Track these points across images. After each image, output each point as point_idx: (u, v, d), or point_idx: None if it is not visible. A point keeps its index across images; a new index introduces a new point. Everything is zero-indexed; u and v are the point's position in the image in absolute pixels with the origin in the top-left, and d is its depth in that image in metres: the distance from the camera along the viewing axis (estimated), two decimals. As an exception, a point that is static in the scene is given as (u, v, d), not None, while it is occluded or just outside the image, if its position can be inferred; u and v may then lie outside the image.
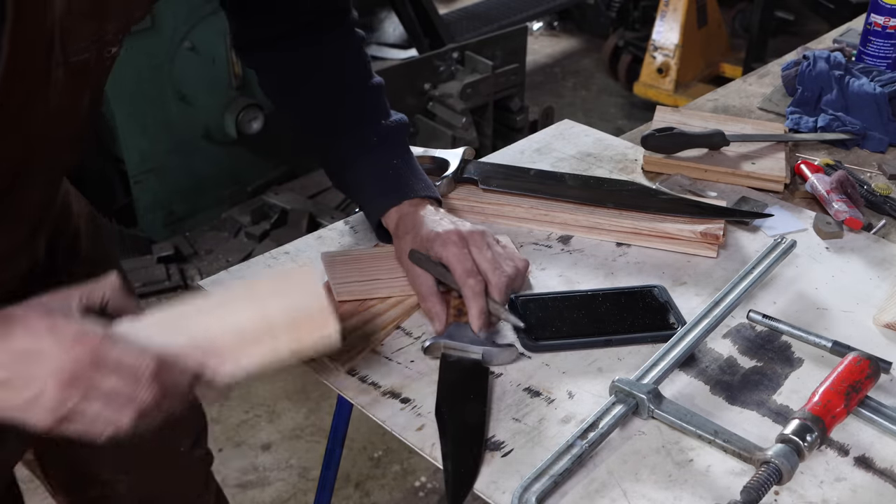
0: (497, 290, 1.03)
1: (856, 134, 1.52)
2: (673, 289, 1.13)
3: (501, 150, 1.48)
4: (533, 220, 1.26)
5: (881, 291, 1.14)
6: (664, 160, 1.41)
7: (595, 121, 4.28)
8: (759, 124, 1.55)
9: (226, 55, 2.97)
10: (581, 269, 1.18)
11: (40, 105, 0.81)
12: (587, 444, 0.87)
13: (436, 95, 3.29)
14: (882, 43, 1.72)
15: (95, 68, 0.86)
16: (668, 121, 1.50)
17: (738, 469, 0.87)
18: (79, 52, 0.81)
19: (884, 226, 1.31)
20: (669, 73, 4.21)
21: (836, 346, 1.01)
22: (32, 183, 0.90)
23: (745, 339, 1.06)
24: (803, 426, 0.84)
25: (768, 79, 1.81)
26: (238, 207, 3.18)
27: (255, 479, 2.31)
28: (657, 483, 0.86)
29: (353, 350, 1.01)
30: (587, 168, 1.42)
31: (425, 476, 2.33)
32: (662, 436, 0.91)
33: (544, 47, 5.26)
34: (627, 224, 1.22)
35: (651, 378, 0.95)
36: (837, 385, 0.88)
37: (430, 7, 3.57)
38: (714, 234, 1.19)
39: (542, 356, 1.02)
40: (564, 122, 1.59)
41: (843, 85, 1.60)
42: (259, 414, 2.52)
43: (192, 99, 2.97)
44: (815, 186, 1.35)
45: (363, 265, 1.14)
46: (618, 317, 1.07)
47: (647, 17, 4.62)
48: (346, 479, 2.30)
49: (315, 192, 3.29)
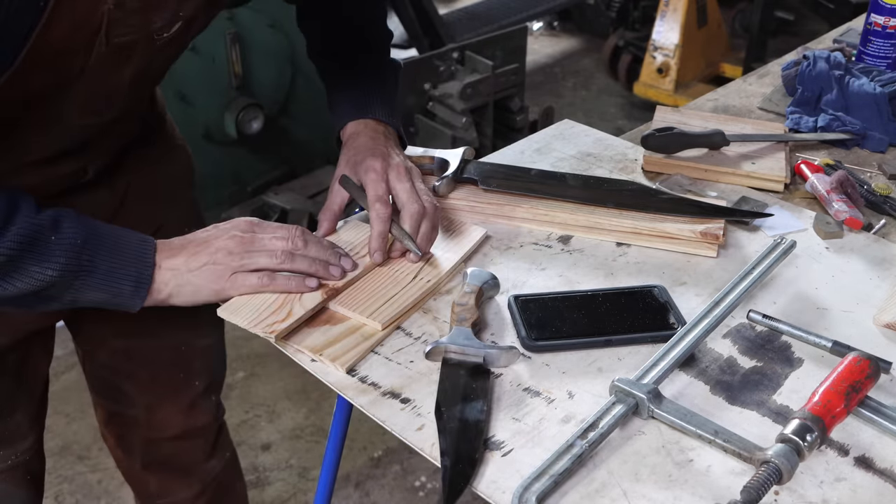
0: (409, 215, 1.12)
1: (856, 134, 1.52)
2: (673, 289, 1.13)
3: (501, 150, 1.48)
4: (533, 220, 1.26)
5: (881, 291, 1.14)
6: (664, 160, 1.41)
7: (595, 121, 4.28)
8: (759, 124, 1.55)
9: (226, 55, 2.97)
10: (581, 269, 1.18)
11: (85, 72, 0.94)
12: (587, 444, 0.87)
13: (436, 95, 3.29)
14: (882, 43, 1.72)
15: (144, 49, 0.97)
16: (668, 121, 1.50)
17: (738, 469, 0.87)
18: (122, 36, 0.92)
19: (884, 226, 1.31)
20: (669, 73, 4.21)
21: (836, 346, 1.01)
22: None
23: (745, 339, 1.05)
24: (803, 426, 0.84)
25: (768, 79, 1.81)
26: (238, 207, 3.18)
27: (255, 479, 2.31)
28: (657, 483, 0.86)
29: (351, 350, 1.01)
30: (587, 168, 1.42)
31: (425, 476, 2.33)
32: (662, 436, 0.91)
33: (544, 47, 5.26)
34: (627, 224, 1.22)
35: (651, 378, 0.95)
36: (837, 385, 0.88)
37: (430, 7, 3.56)
38: (714, 234, 1.19)
39: (542, 356, 1.02)
40: (564, 122, 1.59)
41: (843, 85, 1.60)
42: (259, 414, 2.52)
43: (192, 99, 2.96)
44: (815, 186, 1.35)
45: (263, 296, 1.06)
46: (618, 317, 1.07)
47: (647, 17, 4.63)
48: (346, 479, 2.30)
49: (315, 192, 3.29)
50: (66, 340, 1.37)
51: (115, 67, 0.98)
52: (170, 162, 1.33)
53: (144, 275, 1.00)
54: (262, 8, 3.03)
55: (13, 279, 0.93)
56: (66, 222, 0.96)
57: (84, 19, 0.87)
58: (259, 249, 1.05)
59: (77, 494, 2.26)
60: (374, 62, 1.32)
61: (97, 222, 1.00)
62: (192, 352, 1.40)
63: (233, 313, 1.04)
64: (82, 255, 0.96)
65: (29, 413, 1.28)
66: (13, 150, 1.02)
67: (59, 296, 0.97)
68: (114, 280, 0.98)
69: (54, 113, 1.00)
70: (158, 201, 1.28)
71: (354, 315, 1.06)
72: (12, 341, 1.18)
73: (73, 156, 1.10)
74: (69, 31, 0.87)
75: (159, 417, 1.42)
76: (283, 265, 1.05)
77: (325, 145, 3.50)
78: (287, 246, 1.06)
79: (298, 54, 3.23)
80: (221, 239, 1.05)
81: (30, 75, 0.89)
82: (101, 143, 1.13)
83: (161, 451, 1.47)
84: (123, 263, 0.99)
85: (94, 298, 0.99)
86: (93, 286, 0.98)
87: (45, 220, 0.94)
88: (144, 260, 1.01)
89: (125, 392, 1.41)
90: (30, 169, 1.05)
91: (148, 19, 0.93)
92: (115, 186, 1.20)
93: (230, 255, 1.04)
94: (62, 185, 1.11)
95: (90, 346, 1.39)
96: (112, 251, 0.98)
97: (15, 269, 0.92)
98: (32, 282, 0.94)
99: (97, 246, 0.97)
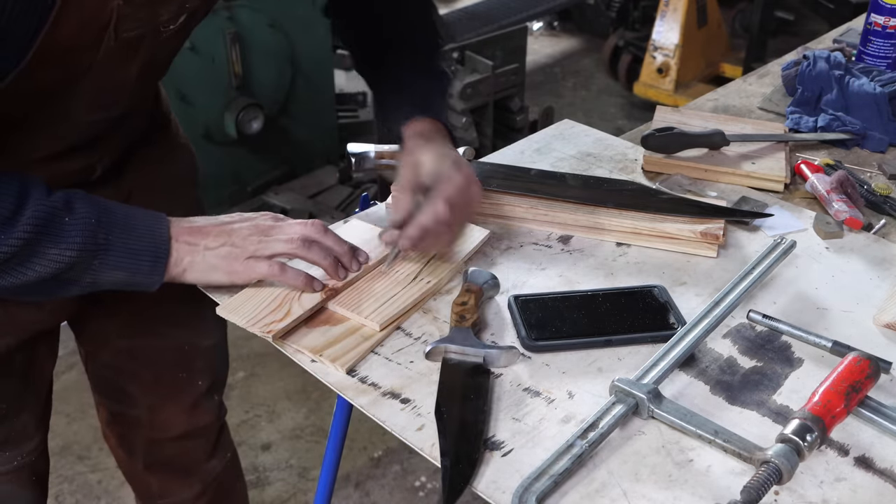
0: (414, 227, 1.08)
1: (856, 134, 1.52)
2: (673, 289, 1.13)
3: (501, 150, 1.48)
4: (533, 220, 1.26)
5: (881, 291, 1.14)
6: (664, 160, 1.41)
7: (595, 121, 4.28)
8: (759, 124, 1.55)
9: (226, 55, 2.97)
10: (581, 269, 1.18)
11: (93, 67, 0.95)
12: (587, 444, 0.87)
13: (436, 95, 3.29)
14: (882, 43, 1.72)
15: (150, 42, 0.98)
16: (668, 121, 1.50)
17: (738, 469, 0.87)
18: (130, 30, 0.92)
19: (884, 226, 1.31)
20: (669, 73, 4.21)
21: (836, 346, 1.01)
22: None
23: (745, 339, 1.05)
24: (803, 426, 0.84)
25: (768, 79, 1.81)
26: (238, 207, 3.18)
27: (255, 479, 2.31)
28: (657, 483, 0.86)
29: (352, 351, 1.01)
30: (587, 168, 1.42)
31: (425, 476, 2.33)
32: (662, 436, 0.91)
33: (544, 47, 5.26)
34: (627, 224, 1.22)
35: (651, 378, 0.95)
36: (837, 385, 0.88)
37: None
38: (714, 234, 1.19)
39: (542, 356, 1.02)
40: (564, 122, 1.59)
41: (843, 85, 1.60)
42: (259, 414, 2.52)
43: (192, 99, 2.96)
44: (815, 186, 1.35)
45: (262, 296, 1.06)
46: (618, 317, 1.07)
47: (647, 17, 4.63)
48: (346, 479, 2.30)
49: (315, 192, 3.29)
50: (67, 340, 1.37)
51: (123, 62, 0.98)
52: (174, 161, 1.33)
53: (161, 248, 1.00)
54: (262, 8, 3.04)
55: (32, 263, 0.93)
56: (79, 202, 0.96)
57: (92, 16, 0.87)
58: (277, 235, 1.06)
59: (77, 494, 2.26)
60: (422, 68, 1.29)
61: (108, 201, 1.00)
62: (195, 351, 1.40)
63: (232, 312, 1.04)
64: (98, 234, 0.96)
65: (35, 414, 1.28)
66: (22, 146, 1.02)
67: (78, 278, 0.97)
68: (131, 256, 0.98)
69: (62, 109, 1.00)
70: (163, 199, 1.28)
71: (353, 315, 1.06)
72: (19, 342, 1.18)
73: (81, 153, 1.10)
74: (77, 28, 0.87)
75: (162, 417, 1.42)
76: (297, 251, 1.06)
77: (325, 145, 3.51)
78: (305, 232, 1.07)
79: (298, 54, 3.24)
80: (243, 224, 1.06)
81: (38, 73, 0.89)
82: (109, 140, 1.13)
83: (163, 451, 1.47)
84: (138, 238, 0.99)
85: (114, 279, 0.99)
86: (111, 265, 0.97)
87: (57, 201, 0.94)
88: (160, 234, 1.01)
89: (128, 392, 1.41)
90: (39, 166, 1.05)
91: (155, 13, 0.94)
92: (120, 184, 1.20)
93: (248, 239, 1.05)
94: (70, 182, 1.11)
95: (93, 346, 1.39)
96: (126, 228, 0.99)
97: (33, 254, 0.92)
98: (52, 265, 0.93)
99: (111, 224, 0.97)
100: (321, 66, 3.36)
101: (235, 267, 1.04)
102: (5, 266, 0.92)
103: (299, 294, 1.06)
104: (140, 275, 1.00)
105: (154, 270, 1.01)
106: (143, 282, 1.01)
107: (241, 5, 2.95)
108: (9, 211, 0.91)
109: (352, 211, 1.28)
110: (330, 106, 3.49)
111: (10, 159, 1.02)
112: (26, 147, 1.03)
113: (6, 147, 1.00)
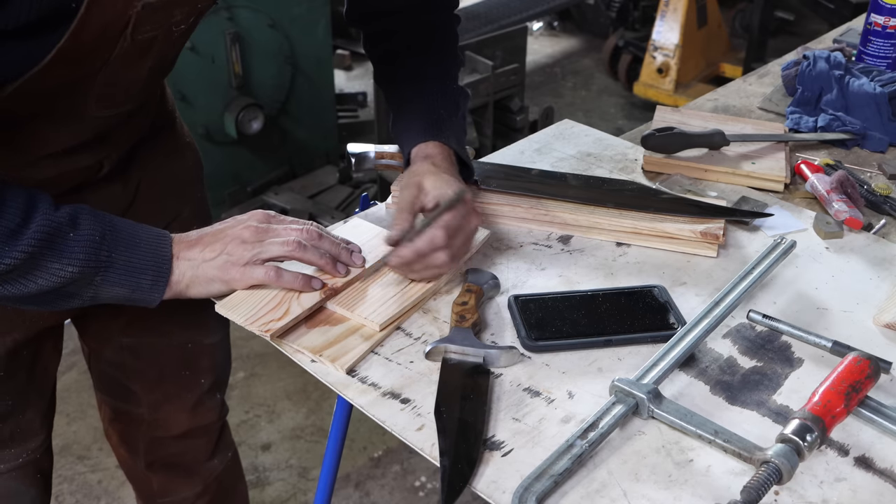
0: (408, 248, 1.07)
1: (856, 134, 1.52)
2: (673, 289, 1.13)
3: (501, 150, 1.48)
4: (533, 220, 1.26)
5: (881, 291, 1.14)
6: (664, 160, 1.41)
7: (595, 121, 4.28)
8: (759, 124, 1.55)
9: (226, 55, 2.98)
10: (581, 269, 1.18)
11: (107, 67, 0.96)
12: (587, 444, 0.87)
13: (436, 95, 3.29)
14: (882, 43, 1.72)
15: (162, 42, 1.00)
16: (668, 121, 1.50)
17: (738, 469, 0.87)
18: (145, 32, 0.94)
19: (884, 226, 1.31)
20: (669, 73, 4.21)
21: (836, 346, 1.01)
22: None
23: (745, 339, 1.05)
24: (803, 426, 0.84)
25: (768, 79, 1.81)
26: (238, 207, 3.18)
27: (255, 479, 2.31)
28: (657, 483, 0.86)
29: (352, 351, 1.01)
30: (587, 168, 1.42)
31: (425, 476, 2.33)
32: (662, 436, 0.91)
33: (544, 47, 5.26)
34: (627, 224, 1.22)
35: (651, 378, 0.95)
36: (837, 385, 0.88)
37: (430, 7, 3.56)
38: (714, 234, 1.19)
39: (542, 356, 1.02)
40: (564, 122, 1.59)
41: (843, 85, 1.60)
42: (259, 414, 2.52)
43: (192, 99, 2.97)
44: (815, 186, 1.35)
45: (261, 293, 1.06)
46: (618, 317, 1.07)
47: (647, 17, 4.63)
48: (346, 479, 2.30)
49: (315, 192, 3.29)
50: (67, 340, 1.37)
51: (135, 61, 0.99)
52: (180, 159, 1.34)
53: (163, 267, 1.01)
54: (261, 8, 3.04)
55: (35, 276, 0.94)
56: (84, 219, 0.96)
57: (113, 20, 0.89)
58: (272, 239, 1.06)
59: (77, 494, 2.26)
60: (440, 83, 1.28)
61: (113, 217, 1.01)
62: (198, 350, 1.40)
63: (230, 310, 1.04)
64: (101, 251, 0.96)
65: (40, 410, 1.29)
66: (31, 141, 1.03)
67: (79, 292, 0.98)
68: (133, 274, 0.99)
69: (71, 106, 1.01)
70: (169, 197, 1.29)
71: (353, 315, 1.06)
72: (26, 338, 1.19)
73: (89, 149, 1.11)
74: (99, 31, 0.88)
75: (165, 416, 1.43)
76: (293, 254, 1.06)
77: (325, 145, 3.51)
78: (300, 236, 1.07)
79: (298, 54, 3.24)
80: (237, 229, 1.06)
81: (52, 72, 0.90)
82: (116, 137, 1.14)
83: (165, 449, 1.47)
84: (141, 256, 1.00)
85: (114, 294, 1.00)
86: (113, 281, 0.98)
87: (63, 217, 0.95)
88: (162, 252, 1.02)
89: (131, 390, 1.41)
90: (46, 161, 1.06)
91: (170, 14, 0.95)
92: (127, 182, 1.21)
93: (243, 245, 1.05)
94: (77, 179, 1.12)
95: (97, 344, 1.39)
96: (130, 245, 0.99)
97: (36, 267, 0.93)
98: (53, 279, 0.94)
99: (115, 241, 0.98)
100: (321, 66, 3.37)
101: (233, 274, 1.04)
102: (7, 277, 0.93)
103: (299, 293, 1.06)
104: (140, 291, 1.01)
105: (154, 288, 1.01)
106: (143, 298, 1.02)
107: (241, 5, 2.96)
108: (15, 224, 0.91)
109: (352, 211, 1.28)
110: (330, 106, 3.49)
111: (18, 155, 1.03)
112: (35, 144, 1.03)
113: (15, 143, 1.01)
